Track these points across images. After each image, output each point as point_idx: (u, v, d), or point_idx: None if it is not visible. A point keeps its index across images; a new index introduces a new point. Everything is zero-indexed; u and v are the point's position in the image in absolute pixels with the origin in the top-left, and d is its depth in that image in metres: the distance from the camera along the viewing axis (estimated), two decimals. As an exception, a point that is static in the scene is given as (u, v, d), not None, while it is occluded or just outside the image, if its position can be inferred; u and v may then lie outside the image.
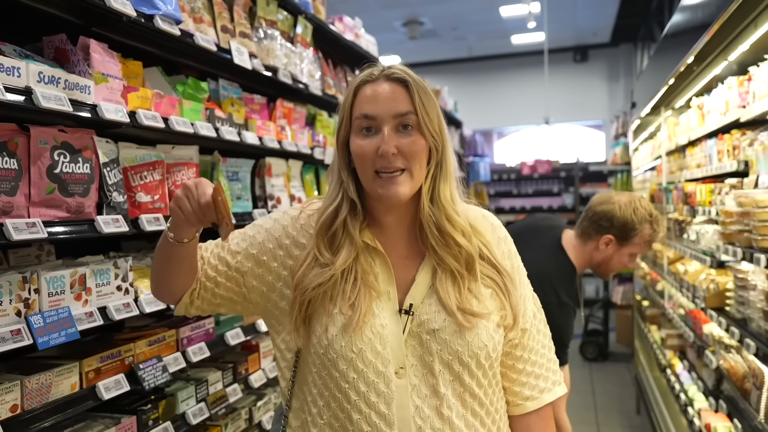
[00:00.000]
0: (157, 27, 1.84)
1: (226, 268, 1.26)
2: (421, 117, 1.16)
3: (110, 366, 1.68)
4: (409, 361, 1.15)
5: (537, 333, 1.29)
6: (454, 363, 1.15)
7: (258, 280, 1.25)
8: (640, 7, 10.97)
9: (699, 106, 3.87)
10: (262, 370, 2.44)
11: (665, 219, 4.56)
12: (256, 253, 1.25)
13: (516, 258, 1.31)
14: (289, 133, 2.66)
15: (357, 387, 1.13)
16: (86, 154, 1.62)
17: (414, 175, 1.16)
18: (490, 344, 1.17)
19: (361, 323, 1.13)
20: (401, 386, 1.13)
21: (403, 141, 1.15)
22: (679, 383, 4.14)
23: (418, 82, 1.18)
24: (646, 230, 2.36)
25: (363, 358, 1.13)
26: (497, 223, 1.31)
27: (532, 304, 1.30)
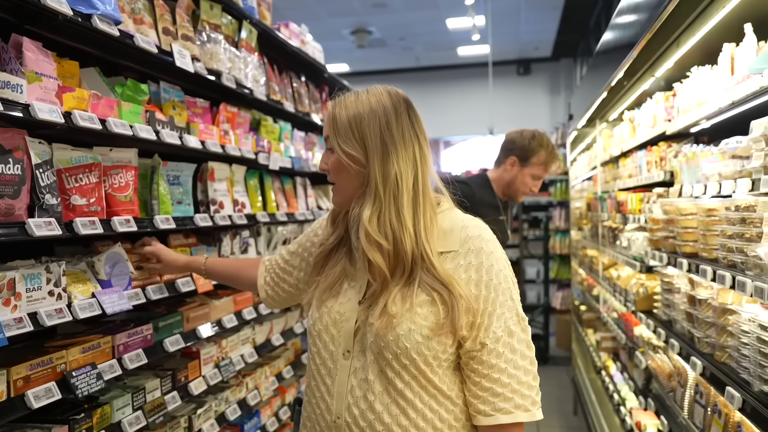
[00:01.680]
0: (95, 27, 1.80)
1: (285, 264, 1.70)
2: (333, 140, 1.36)
3: (41, 374, 1.62)
4: (357, 347, 1.34)
5: (509, 352, 1.29)
6: (379, 356, 1.29)
7: (304, 272, 1.63)
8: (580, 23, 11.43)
9: (630, 119, 4.07)
10: (203, 377, 2.40)
11: (600, 226, 4.76)
12: (300, 251, 1.65)
13: (490, 272, 1.30)
14: (233, 137, 2.64)
15: (315, 359, 1.40)
16: (17, 154, 1.57)
17: (340, 187, 1.39)
18: (412, 347, 1.26)
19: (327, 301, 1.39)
20: (344, 366, 1.33)
21: (328, 159, 1.39)
22: (612, 384, 4.32)
23: (338, 106, 1.37)
24: (542, 153, 2.97)
25: (320, 337, 1.38)
26: (475, 234, 1.33)
27: (511, 323, 1.30)
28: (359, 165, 1.34)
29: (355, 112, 1.35)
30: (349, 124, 1.34)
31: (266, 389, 2.98)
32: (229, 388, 2.67)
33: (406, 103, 1.39)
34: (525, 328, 1.34)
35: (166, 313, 2.27)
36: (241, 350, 2.75)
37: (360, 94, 1.38)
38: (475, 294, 1.30)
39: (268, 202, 3.07)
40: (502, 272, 1.33)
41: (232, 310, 2.66)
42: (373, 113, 1.34)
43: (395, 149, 1.33)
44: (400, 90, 1.42)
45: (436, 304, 1.28)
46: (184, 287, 2.26)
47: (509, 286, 1.33)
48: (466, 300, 1.28)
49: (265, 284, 1.75)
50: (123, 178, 2.00)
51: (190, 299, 2.56)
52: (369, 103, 1.35)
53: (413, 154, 1.35)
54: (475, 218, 1.41)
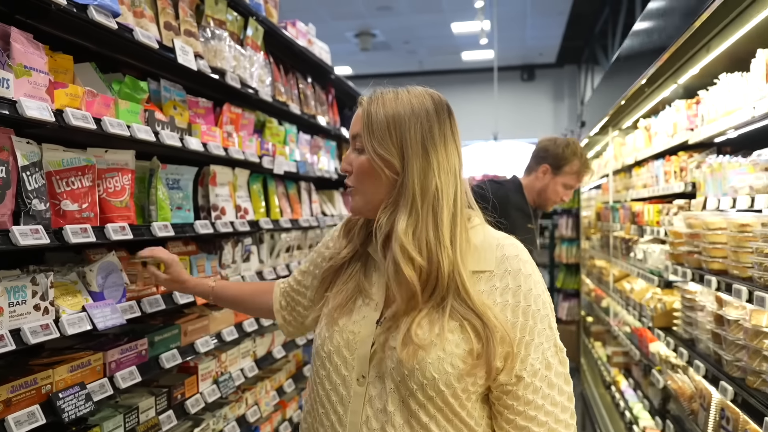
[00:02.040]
0: (91, 19, 1.66)
1: (299, 286, 1.54)
2: (365, 140, 1.21)
3: (23, 396, 1.48)
4: (373, 372, 1.20)
5: (546, 387, 1.16)
6: (401, 385, 1.15)
7: (320, 295, 1.41)
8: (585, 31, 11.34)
9: (646, 127, 3.94)
10: (200, 394, 2.26)
11: (612, 237, 4.62)
12: (313, 269, 1.50)
13: (529, 297, 1.17)
14: (237, 140, 2.51)
15: (323, 383, 1.25)
16: (1, 155, 1.43)
17: (364, 193, 1.24)
18: (440, 378, 1.12)
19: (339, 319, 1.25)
20: (359, 393, 1.20)
21: (354, 160, 1.24)
22: (623, 400, 4.18)
23: (375, 105, 1.22)
24: (575, 162, 2.90)
25: (331, 359, 1.24)
26: (512, 254, 1.20)
27: (548, 354, 1.17)
28: (392, 171, 1.20)
29: (395, 112, 1.20)
30: (387, 125, 1.20)
31: (266, 404, 2.83)
32: (227, 405, 2.52)
33: (448, 109, 1.26)
34: (563, 360, 1.21)
35: (163, 326, 2.13)
36: (241, 364, 2.61)
37: (400, 93, 1.23)
38: (512, 321, 1.16)
39: (272, 208, 2.93)
40: (541, 297, 1.19)
41: (232, 321, 2.52)
42: (416, 116, 1.20)
43: (437, 159, 1.19)
44: (441, 94, 1.28)
45: (467, 330, 1.15)
46: (182, 299, 2.12)
47: (548, 313, 1.20)
48: (502, 329, 1.14)
49: (282, 309, 1.59)
50: (119, 182, 1.86)
51: (188, 310, 2.42)
52: (411, 105, 1.21)
53: (455, 166, 1.22)
54: (509, 236, 1.27)
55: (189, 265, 2.24)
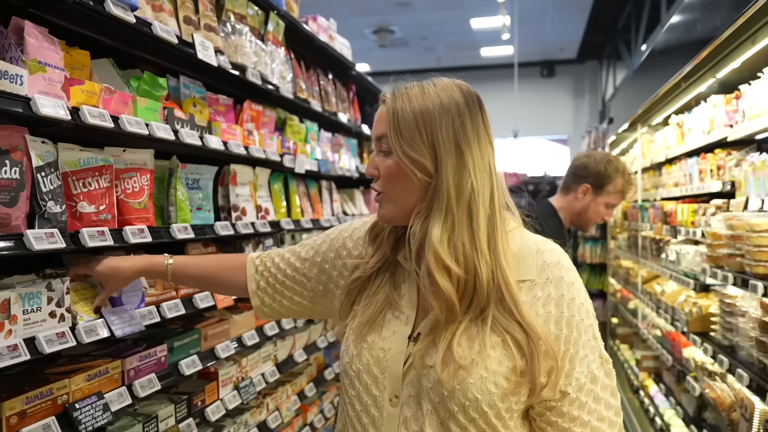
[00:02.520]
0: (108, 12, 1.59)
1: (294, 272, 1.38)
2: (392, 140, 1.11)
3: (38, 408, 1.41)
4: (407, 391, 1.11)
5: (593, 402, 1.09)
6: (440, 407, 1.07)
7: (322, 286, 1.35)
8: (607, 26, 11.13)
9: (678, 123, 3.80)
10: (220, 400, 2.18)
11: (640, 237, 4.48)
12: (320, 261, 1.35)
13: (572, 307, 1.09)
14: (257, 138, 2.43)
15: (353, 404, 1.17)
16: (15, 155, 1.36)
17: (394, 199, 1.15)
18: (484, 398, 1.03)
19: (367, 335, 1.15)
20: (392, 415, 1.11)
21: (381, 163, 1.15)
22: (653, 406, 4.05)
23: (401, 102, 1.12)
24: (618, 180, 2.65)
25: (360, 378, 1.15)
26: (554, 261, 1.12)
27: (593, 367, 1.09)
28: (424, 173, 1.10)
29: (423, 108, 1.10)
30: (416, 123, 1.10)
31: (287, 410, 2.76)
32: (248, 411, 2.45)
33: (479, 101, 1.16)
34: (609, 372, 1.13)
35: (182, 331, 2.06)
36: (262, 368, 2.53)
37: (425, 86, 1.13)
38: (555, 333, 1.08)
39: (293, 208, 2.85)
40: (584, 306, 1.11)
41: (253, 325, 2.45)
42: (445, 111, 1.10)
43: (471, 156, 1.10)
44: (469, 85, 1.17)
45: (509, 346, 1.06)
46: (202, 303, 2.05)
47: (592, 323, 1.12)
48: (546, 342, 1.05)
49: (260, 290, 1.42)
50: (137, 183, 1.79)
51: (209, 314, 2.35)
52: (439, 99, 1.11)
53: (489, 162, 1.12)
54: (548, 241, 1.18)
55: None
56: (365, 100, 4.36)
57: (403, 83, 1.16)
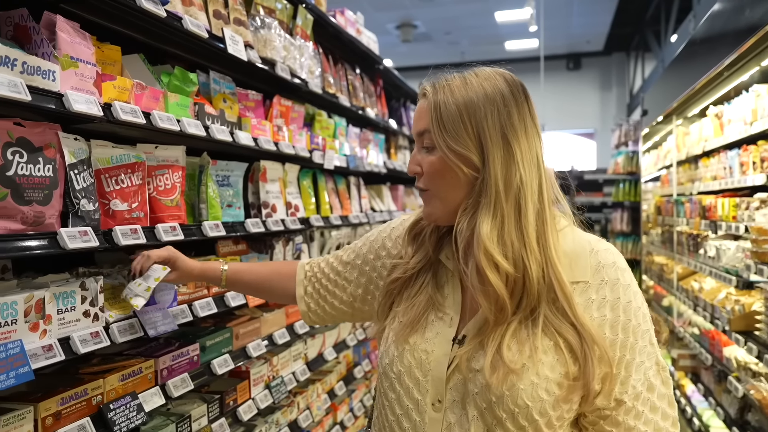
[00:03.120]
0: (139, 6, 1.56)
1: (336, 276, 1.37)
2: (435, 135, 1.07)
3: (73, 408, 1.39)
4: (451, 395, 1.06)
5: (649, 411, 1.03)
6: (487, 413, 1.01)
7: (362, 288, 1.33)
8: (635, 16, 10.89)
9: (717, 115, 3.67)
10: (252, 399, 2.16)
11: (675, 232, 4.35)
12: (360, 263, 1.34)
13: (628, 311, 1.03)
14: (287, 134, 2.39)
15: (393, 408, 1.12)
16: (48, 153, 1.34)
17: (440, 196, 1.10)
18: (534, 405, 0.98)
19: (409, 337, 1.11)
20: (435, 420, 1.07)
21: (422, 159, 1.10)
22: (690, 406, 3.93)
23: (443, 94, 1.07)
24: None
25: (401, 381, 1.11)
26: (609, 262, 1.06)
27: (650, 374, 1.04)
28: (470, 167, 1.05)
29: (467, 100, 1.04)
30: (460, 115, 1.04)
31: (318, 408, 2.73)
32: (279, 410, 2.42)
33: (524, 89, 1.09)
34: (666, 380, 1.07)
35: (214, 330, 2.03)
36: (293, 367, 2.50)
37: (467, 77, 1.08)
38: (611, 338, 1.01)
39: (322, 204, 2.82)
40: (641, 310, 1.04)
41: (284, 323, 2.42)
42: (491, 101, 1.04)
43: (519, 147, 1.04)
44: (513, 73, 1.11)
45: (562, 350, 0.99)
46: (233, 301, 2.02)
47: (648, 328, 1.05)
48: (601, 346, 0.99)
49: (306, 295, 1.41)
50: (169, 180, 1.76)
51: (239, 312, 2.33)
52: (483, 89, 1.05)
53: (536, 154, 1.06)
54: (601, 240, 1.11)
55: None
56: (391, 95, 4.30)
57: (443, 74, 1.10)
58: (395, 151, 4.15)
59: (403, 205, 4.16)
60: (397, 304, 1.20)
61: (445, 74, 1.10)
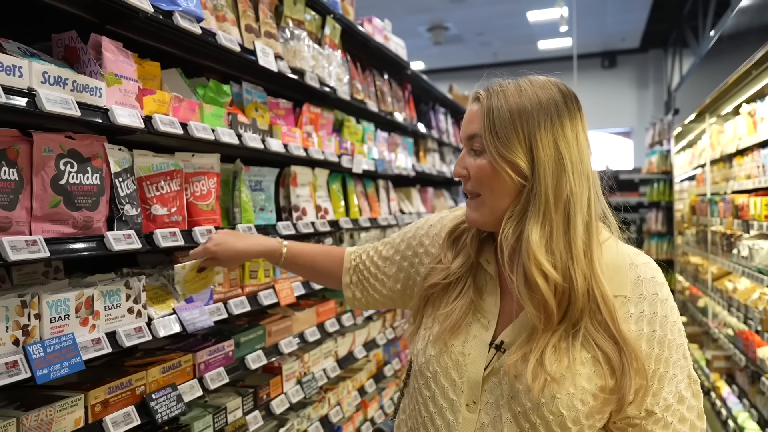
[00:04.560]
0: (177, 25, 1.68)
1: (377, 270, 1.41)
2: (486, 140, 1.08)
3: (119, 397, 1.52)
4: (485, 398, 1.09)
5: (678, 423, 1.05)
6: (521, 417, 1.04)
7: (400, 283, 1.36)
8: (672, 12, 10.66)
9: (750, 112, 3.62)
10: (284, 394, 2.27)
11: (710, 232, 4.29)
12: (398, 259, 1.37)
13: (665, 325, 1.05)
14: (316, 140, 2.49)
15: (427, 406, 1.15)
16: (96, 163, 1.47)
17: (486, 202, 1.11)
18: (569, 414, 1.01)
19: (448, 340, 1.13)
20: (469, 420, 1.09)
21: (471, 163, 1.12)
22: (725, 408, 3.88)
23: (497, 100, 1.08)
24: None
25: (437, 380, 1.13)
26: (648, 276, 1.07)
27: (681, 387, 1.06)
28: (519, 174, 1.06)
29: (521, 107, 1.06)
30: (513, 122, 1.05)
31: (348, 405, 2.82)
32: (311, 405, 2.52)
33: (577, 101, 1.10)
34: (696, 392, 1.09)
35: (248, 327, 2.14)
36: (324, 364, 2.60)
37: (522, 84, 1.09)
38: (647, 352, 1.04)
39: (351, 207, 2.91)
40: (677, 325, 1.07)
41: (314, 322, 2.52)
42: (544, 111, 1.06)
43: (570, 159, 1.05)
44: (567, 84, 1.12)
45: (599, 363, 1.02)
46: (266, 300, 2.13)
47: (683, 342, 1.08)
48: (639, 360, 1.01)
49: (352, 284, 1.44)
50: (205, 186, 1.88)
51: (272, 310, 2.44)
52: (537, 97, 1.06)
53: (587, 166, 1.08)
54: (641, 253, 1.13)
55: (272, 268, 2.25)
56: (420, 98, 4.38)
57: (497, 80, 1.12)
58: (424, 154, 4.22)
59: (433, 207, 4.22)
60: (434, 306, 1.21)
61: (500, 80, 1.12)
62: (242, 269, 2.07)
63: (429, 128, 4.23)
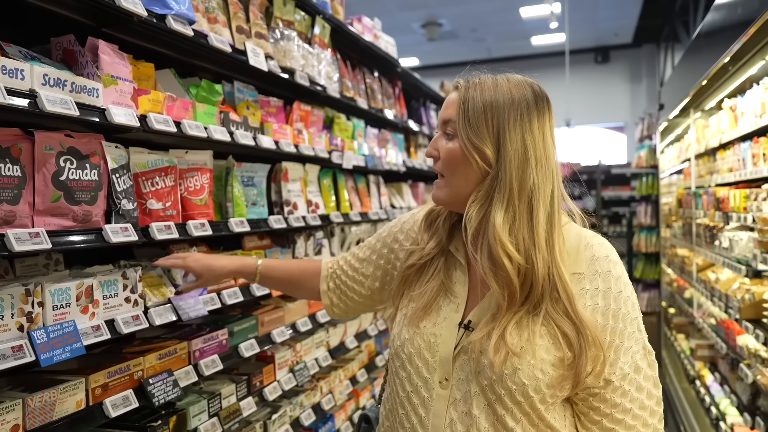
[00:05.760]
0: (170, 27, 1.76)
1: (354, 273, 1.49)
2: (459, 126, 1.17)
3: (118, 381, 1.60)
4: (457, 374, 1.17)
5: (635, 391, 1.14)
6: (488, 390, 1.13)
7: (379, 281, 1.45)
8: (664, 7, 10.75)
9: (731, 107, 3.72)
10: (277, 382, 2.35)
11: (694, 224, 4.39)
12: (375, 258, 1.45)
13: (619, 300, 1.14)
14: (306, 136, 2.58)
15: (404, 385, 1.23)
16: (94, 159, 1.55)
17: (451, 182, 1.20)
18: (530, 384, 1.10)
19: (420, 321, 1.21)
20: (442, 396, 1.17)
21: (442, 145, 1.21)
22: (709, 396, 3.98)
23: (474, 91, 1.17)
24: None
25: (411, 361, 1.22)
26: (602, 255, 1.17)
27: (637, 357, 1.15)
28: (484, 161, 1.16)
29: (494, 100, 1.16)
30: (485, 112, 1.15)
31: (340, 393, 2.91)
32: (303, 393, 2.61)
33: (548, 101, 1.21)
34: (651, 363, 1.18)
35: (241, 317, 2.23)
36: (315, 354, 2.69)
37: (499, 80, 1.19)
38: (602, 325, 1.13)
39: (342, 202, 3.00)
40: (630, 299, 1.17)
41: (306, 312, 2.61)
42: (515, 107, 1.15)
43: (535, 154, 1.15)
44: (540, 85, 1.22)
45: (558, 339, 1.11)
46: (258, 291, 2.21)
47: (637, 315, 1.17)
48: (593, 333, 1.11)
49: (330, 291, 1.53)
50: (198, 181, 1.96)
51: (264, 302, 2.53)
52: (510, 94, 1.16)
53: (552, 162, 1.17)
54: (597, 235, 1.23)
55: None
56: (411, 95, 4.46)
57: (478, 73, 1.21)
58: (415, 150, 4.31)
59: (424, 202, 4.31)
60: (410, 287, 1.29)
61: (480, 73, 1.21)
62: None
63: (420, 124, 4.31)
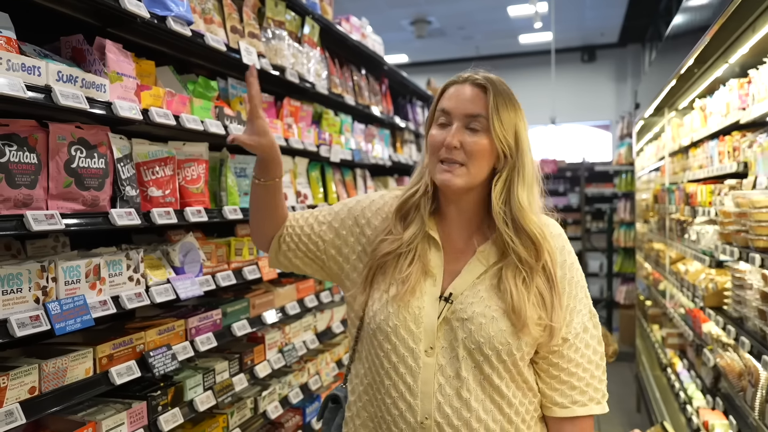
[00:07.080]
0: (170, 28, 1.91)
1: (311, 231, 1.46)
2: (492, 122, 1.29)
3: (122, 353, 1.75)
4: (440, 343, 1.28)
5: (585, 347, 1.33)
6: (475, 352, 1.26)
7: (336, 251, 1.45)
8: (649, 7, 10.96)
9: (701, 107, 3.91)
10: (267, 361, 2.51)
11: (668, 219, 4.59)
12: (337, 226, 1.45)
13: (572, 270, 1.35)
14: (296, 131, 2.73)
15: (389, 357, 1.30)
16: (101, 149, 1.69)
17: (471, 171, 1.30)
18: (513, 342, 1.26)
19: (406, 299, 1.29)
20: (428, 364, 1.27)
21: (468, 139, 1.29)
22: (678, 382, 4.19)
23: (499, 91, 1.31)
24: None
25: (397, 333, 1.29)
26: (556, 233, 1.37)
27: (585, 319, 1.34)
28: (510, 154, 1.32)
29: (514, 99, 1.33)
30: (508, 111, 1.31)
31: (327, 375, 3.07)
32: (291, 373, 2.77)
33: None
34: (596, 324, 1.38)
35: (234, 299, 2.38)
36: (303, 337, 2.85)
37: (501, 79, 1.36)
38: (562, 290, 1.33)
39: (329, 194, 3.15)
40: (579, 270, 1.38)
41: (294, 297, 2.76)
42: (519, 105, 1.34)
43: (529, 144, 1.35)
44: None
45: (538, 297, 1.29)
46: (250, 275, 2.37)
47: (584, 284, 1.38)
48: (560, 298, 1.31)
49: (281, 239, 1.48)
50: (195, 171, 2.11)
51: (256, 286, 2.68)
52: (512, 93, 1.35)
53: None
54: (549, 218, 1.42)
55: (255, 248, 2.48)
56: (398, 92, 4.61)
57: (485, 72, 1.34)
58: (401, 145, 4.46)
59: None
60: (385, 273, 1.35)
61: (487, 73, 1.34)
62: (228, 247, 2.31)
63: (406, 120, 4.47)
